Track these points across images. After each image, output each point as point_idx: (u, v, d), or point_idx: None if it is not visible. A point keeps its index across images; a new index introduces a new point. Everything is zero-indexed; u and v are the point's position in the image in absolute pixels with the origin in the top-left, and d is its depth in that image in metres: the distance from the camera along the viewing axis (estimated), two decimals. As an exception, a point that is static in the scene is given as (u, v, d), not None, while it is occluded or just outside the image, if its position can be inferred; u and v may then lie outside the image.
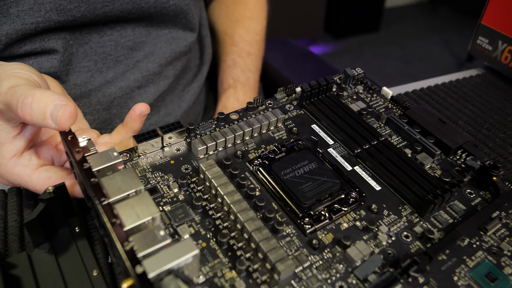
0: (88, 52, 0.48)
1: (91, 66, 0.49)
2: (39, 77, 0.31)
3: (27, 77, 0.30)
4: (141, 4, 0.48)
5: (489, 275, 0.31)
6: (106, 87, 0.50)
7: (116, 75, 0.51)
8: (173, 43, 0.55)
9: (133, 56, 0.52)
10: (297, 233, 0.32)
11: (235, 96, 0.61)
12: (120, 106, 0.52)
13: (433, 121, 0.42)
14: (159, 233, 0.24)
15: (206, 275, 0.28)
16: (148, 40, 0.52)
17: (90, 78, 0.49)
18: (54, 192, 0.28)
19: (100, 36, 0.48)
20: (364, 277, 0.29)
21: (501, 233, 0.34)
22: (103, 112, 0.51)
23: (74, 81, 0.48)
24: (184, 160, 0.36)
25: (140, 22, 0.51)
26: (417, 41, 2.27)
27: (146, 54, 0.53)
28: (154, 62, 0.53)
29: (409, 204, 0.35)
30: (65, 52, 0.46)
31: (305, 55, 0.89)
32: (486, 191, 0.38)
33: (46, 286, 0.27)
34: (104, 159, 0.28)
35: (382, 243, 0.32)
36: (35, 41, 0.43)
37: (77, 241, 0.29)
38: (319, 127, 0.42)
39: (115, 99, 0.51)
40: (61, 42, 0.45)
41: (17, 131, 0.31)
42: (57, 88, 0.37)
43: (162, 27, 0.53)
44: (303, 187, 0.34)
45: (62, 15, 0.43)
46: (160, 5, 0.50)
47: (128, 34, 0.50)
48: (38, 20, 0.42)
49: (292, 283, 0.29)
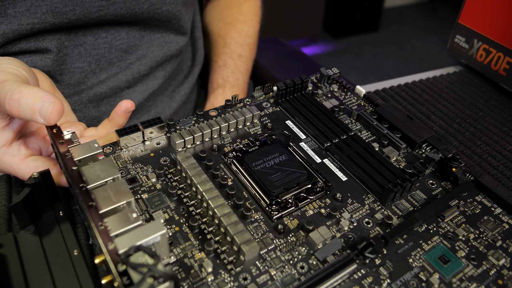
0: (83, 54, 0.50)
1: (85, 67, 0.51)
2: (28, 72, 0.34)
3: (15, 72, 0.32)
4: (135, 9, 0.50)
5: (442, 258, 0.34)
6: (98, 87, 0.53)
7: (108, 76, 0.53)
8: (165, 46, 0.57)
9: (126, 59, 0.54)
10: (264, 219, 0.35)
11: (224, 96, 0.63)
12: (109, 104, 0.55)
13: (401, 117, 0.45)
14: (131, 216, 0.27)
15: (177, 256, 0.31)
16: (141, 44, 0.55)
17: (83, 79, 0.52)
18: (39, 177, 0.31)
19: (95, 39, 0.51)
20: (323, 258, 0.32)
21: (457, 220, 0.37)
22: (93, 109, 0.54)
23: (68, 80, 0.51)
24: (163, 153, 0.39)
25: (134, 26, 0.53)
26: (416, 41, 2.29)
27: (138, 57, 0.55)
28: (146, 64, 0.56)
29: (372, 193, 0.38)
30: (59, 52, 0.48)
31: (295, 54, 0.92)
32: (447, 182, 0.40)
33: (29, 263, 0.30)
34: (86, 149, 0.31)
35: (344, 228, 0.35)
36: (30, 40, 0.45)
37: (61, 224, 0.32)
38: (293, 123, 0.44)
39: (105, 98, 0.54)
40: (55, 42, 0.47)
41: (5, 123, 0.33)
42: (46, 82, 0.39)
43: (155, 31, 0.56)
44: (272, 177, 0.37)
45: (57, 17, 0.45)
46: (153, 10, 0.52)
47: (122, 37, 0.53)
48: (34, 21, 0.44)
49: (257, 263, 0.31)
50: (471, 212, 0.37)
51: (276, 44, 0.98)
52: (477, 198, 0.39)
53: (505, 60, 0.57)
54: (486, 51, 0.59)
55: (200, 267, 0.30)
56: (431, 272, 0.32)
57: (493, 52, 0.59)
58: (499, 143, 0.49)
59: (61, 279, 0.29)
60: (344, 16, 2.22)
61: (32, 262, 0.30)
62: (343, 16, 2.22)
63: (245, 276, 0.30)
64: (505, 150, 0.48)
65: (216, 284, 0.30)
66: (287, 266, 0.31)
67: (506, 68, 0.57)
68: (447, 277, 0.32)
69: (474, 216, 0.37)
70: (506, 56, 0.57)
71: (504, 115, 0.54)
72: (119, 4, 0.48)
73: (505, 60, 0.57)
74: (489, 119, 0.53)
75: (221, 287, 0.29)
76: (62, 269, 0.29)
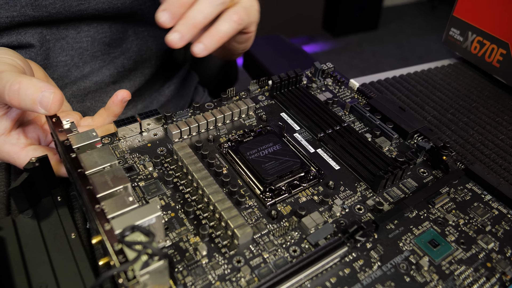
0: (65, 47, 0.50)
1: (68, 61, 0.51)
2: (23, 62, 0.34)
3: (11, 63, 0.33)
4: (117, 4, 0.49)
5: (432, 241, 0.35)
6: (82, 81, 0.52)
7: (92, 70, 0.53)
8: (149, 40, 0.56)
9: (109, 52, 0.54)
10: (258, 205, 0.36)
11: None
12: (94, 100, 0.55)
13: (393, 108, 0.46)
14: (128, 199, 0.28)
15: (172, 240, 0.32)
16: (125, 37, 0.54)
17: (67, 73, 0.51)
18: (37, 162, 0.32)
19: (77, 32, 0.50)
20: (315, 242, 0.33)
21: (448, 206, 0.38)
22: (77, 104, 0.54)
23: (51, 75, 0.50)
24: (160, 144, 0.40)
25: (117, 19, 0.52)
26: (416, 39, 2.29)
27: (122, 50, 0.55)
28: (130, 58, 0.55)
29: (364, 181, 0.39)
30: (42, 46, 0.48)
31: (294, 52, 0.93)
32: (438, 170, 0.41)
33: (28, 246, 0.31)
34: (84, 138, 0.32)
35: (336, 214, 0.36)
36: (11, 34, 0.45)
37: (59, 209, 0.33)
38: (287, 115, 0.45)
39: (89, 93, 0.54)
40: (37, 36, 0.47)
41: (3, 111, 0.34)
42: (40, 72, 0.40)
43: (139, 25, 0.55)
44: (266, 165, 0.38)
45: (37, 10, 0.45)
46: (136, 6, 0.51)
47: (105, 30, 0.52)
48: (14, 14, 0.44)
49: (250, 247, 0.32)
50: (462, 199, 0.38)
51: (277, 41, 0.99)
52: (468, 186, 0.40)
53: (498, 52, 0.58)
54: (480, 43, 0.60)
55: (195, 251, 0.31)
56: (421, 255, 0.33)
57: (487, 44, 0.59)
58: (491, 132, 0.50)
59: (59, 261, 0.30)
60: (343, 14, 2.23)
61: (31, 244, 0.31)
62: (343, 14, 2.23)
63: (238, 259, 0.31)
64: (497, 139, 0.49)
65: (210, 266, 0.31)
66: (280, 250, 0.32)
67: (499, 59, 0.58)
68: (436, 260, 0.33)
69: (464, 202, 0.38)
70: (500, 48, 0.58)
71: (497, 106, 0.55)
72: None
73: (499, 52, 0.58)
74: (482, 109, 0.54)
75: (215, 269, 0.30)
76: (59, 251, 0.30)
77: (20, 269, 0.30)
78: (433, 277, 0.32)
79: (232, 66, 0.89)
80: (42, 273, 0.30)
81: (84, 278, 0.30)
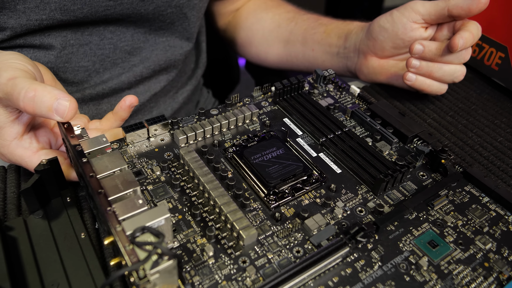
0: (88, 53, 0.52)
1: (89, 66, 0.53)
2: (33, 66, 0.35)
3: (23, 68, 0.34)
4: (140, 10, 0.52)
5: (431, 242, 0.36)
6: (100, 86, 0.54)
7: (111, 76, 0.55)
8: (169, 51, 0.59)
9: (129, 60, 0.56)
10: (262, 208, 0.37)
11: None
12: (110, 103, 0.56)
13: (393, 114, 0.47)
14: (138, 202, 0.30)
15: (180, 241, 0.33)
16: (146, 46, 0.57)
17: (87, 77, 0.53)
18: (48, 164, 0.33)
19: (101, 39, 0.52)
20: (318, 242, 0.34)
21: (446, 208, 0.39)
22: (93, 107, 0.55)
23: (71, 79, 0.52)
24: (167, 149, 0.41)
25: (139, 28, 0.55)
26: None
27: (142, 59, 0.57)
28: (149, 68, 0.58)
29: (365, 184, 0.40)
30: (64, 50, 0.50)
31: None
32: (437, 173, 0.42)
33: (39, 245, 0.32)
34: (95, 143, 0.33)
35: (338, 216, 0.37)
36: (36, 35, 0.47)
37: (68, 209, 0.34)
38: (290, 120, 0.47)
39: (106, 97, 0.56)
40: (60, 40, 0.49)
41: (15, 116, 0.35)
42: (48, 75, 0.41)
43: (160, 35, 0.58)
44: (270, 169, 0.39)
45: (65, 14, 0.46)
46: (158, 12, 0.54)
47: (127, 39, 0.54)
48: (43, 18, 0.46)
49: (255, 248, 0.33)
50: (460, 201, 0.39)
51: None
52: (466, 188, 0.41)
53: (497, 55, 0.59)
54: (479, 46, 0.62)
55: (202, 251, 0.33)
56: (420, 256, 0.34)
57: (485, 48, 0.61)
58: (490, 134, 0.51)
59: (69, 260, 0.31)
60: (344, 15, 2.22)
61: (42, 244, 0.32)
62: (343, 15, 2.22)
63: (244, 259, 0.32)
64: (496, 141, 0.50)
65: (217, 266, 0.32)
66: (283, 251, 0.34)
67: (498, 63, 0.59)
68: (435, 260, 0.34)
69: (462, 204, 0.39)
70: (498, 51, 0.59)
71: (496, 108, 0.56)
72: (126, 5, 0.50)
73: (497, 55, 0.59)
74: (481, 112, 0.55)
75: (222, 269, 0.32)
76: (70, 251, 0.32)
77: (32, 268, 0.31)
78: (432, 277, 0.33)
79: (234, 67, 0.91)
80: (54, 272, 0.31)
81: (94, 277, 0.31)
